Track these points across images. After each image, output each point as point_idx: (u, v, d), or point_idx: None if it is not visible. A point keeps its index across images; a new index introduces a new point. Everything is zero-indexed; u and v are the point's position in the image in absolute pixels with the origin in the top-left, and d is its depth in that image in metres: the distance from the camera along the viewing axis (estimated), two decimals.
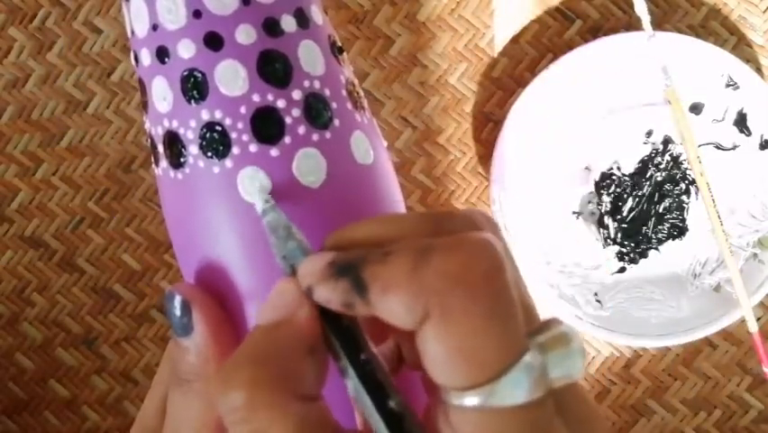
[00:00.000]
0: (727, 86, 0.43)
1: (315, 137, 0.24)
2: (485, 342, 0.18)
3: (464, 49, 0.45)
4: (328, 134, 0.24)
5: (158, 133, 0.25)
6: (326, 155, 0.24)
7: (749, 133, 0.43)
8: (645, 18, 0.42)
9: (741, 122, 0.43)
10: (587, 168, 0.44)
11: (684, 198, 0.44)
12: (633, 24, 0.44)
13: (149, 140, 0.26)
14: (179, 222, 0.25)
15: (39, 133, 0.46)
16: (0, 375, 0.48)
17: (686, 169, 0.44)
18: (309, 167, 0.24)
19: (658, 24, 0.44)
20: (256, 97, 0.24)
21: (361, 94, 0.27)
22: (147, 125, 0.26)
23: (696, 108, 0.43)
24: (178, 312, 0.24)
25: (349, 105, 0.26)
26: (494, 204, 0.43)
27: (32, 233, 0.47)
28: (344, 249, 0.20)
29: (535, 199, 0.44)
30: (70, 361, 0.47)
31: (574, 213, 0.44)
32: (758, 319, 0.44)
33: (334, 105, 0.25)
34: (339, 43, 0.27)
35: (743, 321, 0.43)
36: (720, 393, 0.46)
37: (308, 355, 0.20)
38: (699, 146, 0.43)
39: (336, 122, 0.25)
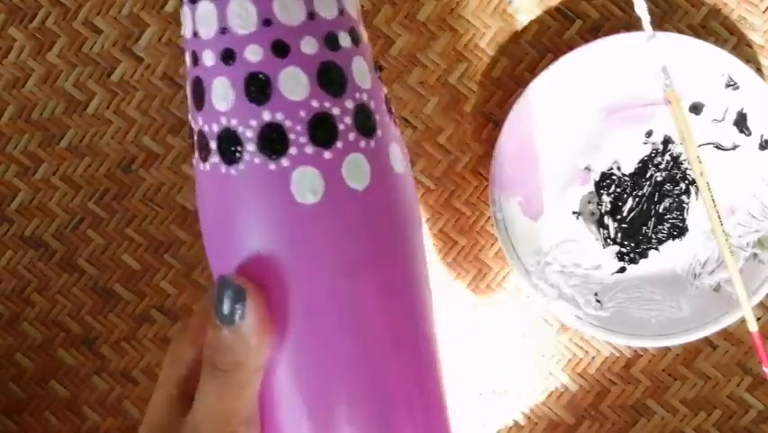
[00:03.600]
0: (727, 86, 0.43)
1: (362, 144, 0.26)
2: None
3: (464, 49, 0.45)
4: (372, 143, 0.27)
5: (212, 130, 0.26)
6: (371, 162, 0.26)
7: (749, 133, 0.43)
8: (645, 18, 0.42)
9: (741, 122, 0.43)
10: (587, 168, 0.44)
11: (684, 198, 0.44)
12: (633, 24, 0.44)
13: (195, 136, 0.27)
14: (224, 215, 0.27)
15: (39, 133, 0.46)
16: (0, 375, 0.48)
17: (686, 169, 0.44)
18: (357, 171, 0.26)
19: (658, 24, 0.44)
20: (314, 103, 0.25)
21: (393, 109, 0.29)
22: (199, 122, 0.26)
23: (696, 108, 0.43)
24: (231, 300, 0.25)
25: (387, 118, 0.28)
26: (494, 204, 0.43)
27: (31, 233, 0.47)
28: None
29: (535, 199, 0.44)
30: (70, 361, 0.47)
31: (574, 213, 0.44)
32: (758, 319, 0.44)
33: (377, 116, 0.27)
34: (379, 62, 0.28)
35: (743, 321, 0.43)
36: (720, 393, 0.46)
37: None
38: (699, 146, 0.43)
39: (379, 132, 0.27)
